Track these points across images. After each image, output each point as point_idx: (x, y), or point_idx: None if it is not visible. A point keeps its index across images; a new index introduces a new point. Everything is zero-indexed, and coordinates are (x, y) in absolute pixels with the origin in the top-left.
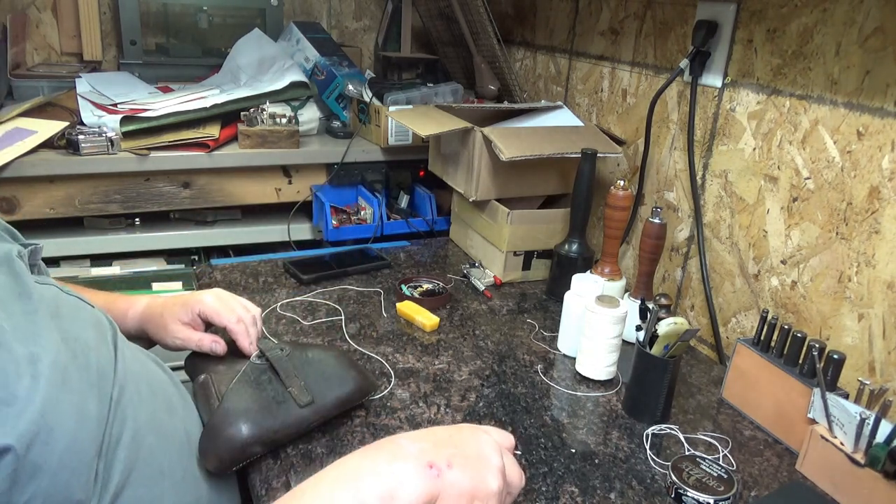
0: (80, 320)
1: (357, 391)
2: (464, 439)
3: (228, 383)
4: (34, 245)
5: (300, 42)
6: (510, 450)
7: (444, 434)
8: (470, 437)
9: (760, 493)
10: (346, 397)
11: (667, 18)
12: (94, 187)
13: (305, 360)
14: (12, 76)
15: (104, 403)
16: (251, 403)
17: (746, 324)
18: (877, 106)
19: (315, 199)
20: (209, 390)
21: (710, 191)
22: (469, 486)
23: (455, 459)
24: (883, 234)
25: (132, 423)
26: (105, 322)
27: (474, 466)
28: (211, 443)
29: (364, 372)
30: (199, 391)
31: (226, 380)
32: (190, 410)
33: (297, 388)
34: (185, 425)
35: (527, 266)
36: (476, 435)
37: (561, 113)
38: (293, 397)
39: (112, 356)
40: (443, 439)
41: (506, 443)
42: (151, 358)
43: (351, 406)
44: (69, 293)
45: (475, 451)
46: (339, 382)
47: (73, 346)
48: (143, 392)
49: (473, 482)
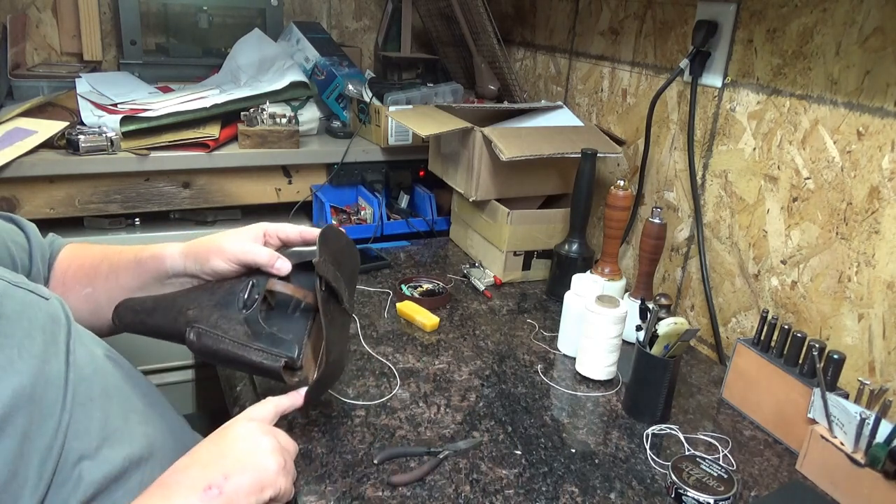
0: (27, 320)
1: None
2: (230, 442)
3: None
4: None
5: (300, 42)
6: (270, 419)
7: (210, 448)
8: (234, 435)
9: (760, 493)
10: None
11: (667, 18)
12: (94, 187)
13: (335, 260)
14: (12, 76)
15: (47, 435)
16: (345, 344)
17: (746, 324)
18: (877, 106)
19: (315, 199)
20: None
21: (710, 191)
22: (252, 482)
23: (229, 467)
24: (883, 234)
25: (78, 445)
26: (61, 317)
27: (249, 461)
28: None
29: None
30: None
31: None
32: (154, 410)
33: (348, 303)
34: (143, 429)
35: (527, 266)
36: (236, 430)
37: (561, 113)
38: (347, 311)
39: (63, 365)
40: (211, 455)
41: (267, 416)
42: (109, 355)
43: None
44: (20, 286)
45: (244, 447)
46: (352, 271)
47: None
48: (96, 398)
49: (255, 475)
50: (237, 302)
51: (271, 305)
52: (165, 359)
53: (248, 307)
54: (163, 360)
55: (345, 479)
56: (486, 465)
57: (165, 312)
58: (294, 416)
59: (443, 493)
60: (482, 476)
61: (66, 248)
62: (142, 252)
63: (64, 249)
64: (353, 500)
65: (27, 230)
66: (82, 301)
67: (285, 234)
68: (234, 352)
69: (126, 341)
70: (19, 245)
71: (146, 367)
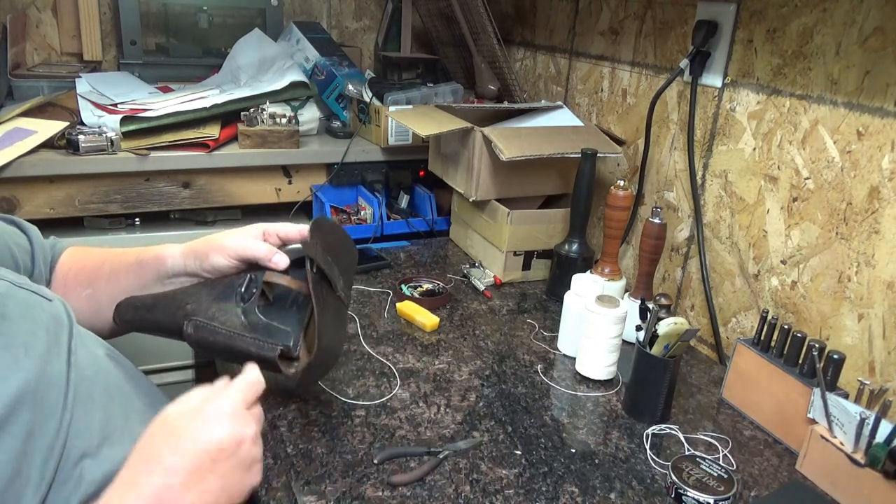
0: (31, 320)
1: (356, 253)
2: (177, 429)
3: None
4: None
5: (300, 42)
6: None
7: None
8: (180, 421)
9: (760, 493)
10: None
11: (667, 18)
12: (94, 187)
13: (327, 248)
14: (12, 76)
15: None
16: (339, 332)
17: (746, 324)
18: (877, 106)
19: (315, 199)
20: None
21: (710, 191)
22: (192, 464)
23: (171, 463)
24: (883, 234)
25: (80, 444)
26: (63, 318)
27: (186, 447)
28: (315, 380)
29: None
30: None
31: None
32: (155, 410)
33: (343, 291)
34: (144, 428)
35: (527, 266)
36: (182, 410)
37: (561, 113)
38: (343, 300)
39: (64, 365)
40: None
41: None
42: (110, 355)
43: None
44: (23, 286)
45: (185, 424)
46: (348, 263)
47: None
48: (97, 398)
49: (193, 459)
50: (235, 296)
51: (270, 300)
52: (165, 359)
53: (246, 300)
54: (163, 360)
55: (345, 479)
56: (486, 465)
57: (165, 308)
58: (294, 416)
59: (443, 493)
60: (482, 476)
61: (68, 251)
62: (143, 253)
63: (65, 252)
64: (353, 500)
65: (29, 233)
66: (83, 302)
67: (285, 233)
68: (230, 342)
69: (127, 341)
70: (22, 247)
71: (146, 367)
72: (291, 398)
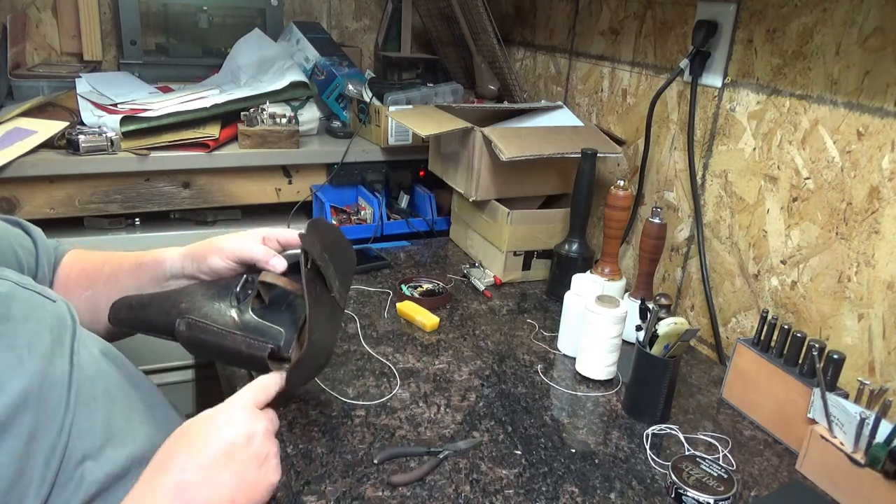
0: (35, 321)
1: (354, 259)
2: (191, 433)
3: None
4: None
5: (300, 42)
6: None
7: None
8: (194, 426)
9: (760, 493)
10: (351, 270)
11: (667, 18)
12: (94, 187)
13: (324, 247)
14: (12, 76)
15: (51, 433)
16: (332, 331)
17: (746, 324)
18: (877, 106)
19: (315, 199)
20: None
21: (710, 191)
22: (205, 461)
23: (186, 462)
24: (883, 234)
25: (81, 445)
26: (67, 319)
27: (199, 447)
28: (305, 376)
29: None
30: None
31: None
32: (155, 410)
33: (339, 293)
34: (146, 429)
35: (527, 266)
36: (198, 417)
37: (561, 113)
38: (338, 301)
39: (67, 366)
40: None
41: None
42: (111, 356)
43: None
44: (27, 287)
45: (198, 428)
46: (345, 267)
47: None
48: (99, 398)
49: (206, 457)
50: (230, 296)
51: (265, 302)
52: (165, 359)
53: (241, 301)
54: (163, 360)
55: (345, 479)
56: (486, 465)
57: (159, 306)
58: (294, 415)
59: (443, 493)
60: (482, 476)
61: (70, 254)
62: (143, 256)
63: (68, 254)
64: (353, 500)
65: (34, 235)
66: (83, 303)
67: (285, 239)
68: (221, 340)
69: (127, 342)
70: (26, 249)
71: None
72: (291, 398)
